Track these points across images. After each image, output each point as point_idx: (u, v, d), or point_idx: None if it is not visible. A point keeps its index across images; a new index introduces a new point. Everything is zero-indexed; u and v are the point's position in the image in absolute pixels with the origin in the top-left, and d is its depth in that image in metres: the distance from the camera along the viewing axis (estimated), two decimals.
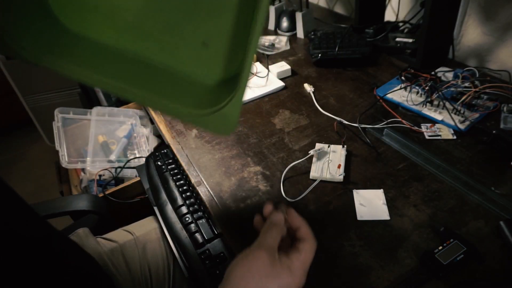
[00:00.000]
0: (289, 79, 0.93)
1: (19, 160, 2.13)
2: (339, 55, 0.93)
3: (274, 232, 0.41)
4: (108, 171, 1.19)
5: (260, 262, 0.38)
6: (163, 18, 0.50)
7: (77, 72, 0.49)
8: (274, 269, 0.38)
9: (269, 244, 0.40)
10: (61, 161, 1.18)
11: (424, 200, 0.56)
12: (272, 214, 0.44)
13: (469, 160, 0.62)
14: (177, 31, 0.50)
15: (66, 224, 0.82)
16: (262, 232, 0.42)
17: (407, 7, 1.09)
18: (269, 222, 0.43)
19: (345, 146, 0.67)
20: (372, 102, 0.79)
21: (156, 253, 0.76)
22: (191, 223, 0.60)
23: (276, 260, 0.38)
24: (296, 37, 1.17)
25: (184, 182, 0.68)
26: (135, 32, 0.52)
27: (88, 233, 0.77)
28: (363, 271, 0.48)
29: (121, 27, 0.52)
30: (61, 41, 0.52)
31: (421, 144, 0.66)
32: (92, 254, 0.67)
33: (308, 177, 0.63)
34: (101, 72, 0.49)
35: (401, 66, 0.92)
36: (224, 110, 0.46)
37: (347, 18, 1.28)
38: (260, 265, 0.38)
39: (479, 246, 0.48)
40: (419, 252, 0.49)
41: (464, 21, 0.93)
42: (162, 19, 0.50)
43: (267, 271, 0.37)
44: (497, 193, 0.56)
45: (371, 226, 0.54)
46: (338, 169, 0.62)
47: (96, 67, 0.50)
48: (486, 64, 0.91)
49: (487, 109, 0.70)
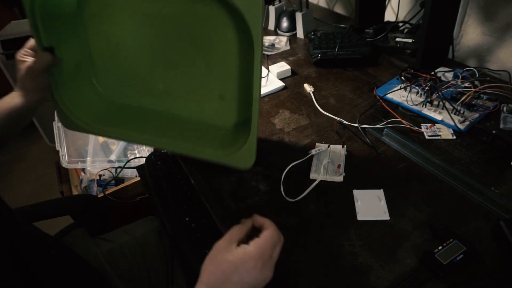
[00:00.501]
0: (289, 79, 0.93)
1: (19, 160, 2.13)
2: (339, 55, 0.93)
3: (235, 228, 0.46)
4: (108, 171, 1.19)
5: (218, 251, 0.43)
6: (186, 82, 0.63)
7: (124, 134, 0.65)
8: (230, 253, 0.42)
9: (227, 236, 0.44)
10: (61, 161, 1.18)
11: (424, 200, 0.56)
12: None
13: (469, 160, 0.63)
14: (198, 89, 0.62)
15: (66, 224, 0.82)
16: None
17: (407, 7, 1.09)
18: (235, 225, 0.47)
19: (345, 146, 0.67)
20: (372, 102, 0.79)
21: (155, 253, 0.76)
22: (191, 223, 0.60)
23: (232, 246, 0.43)
24: (296, 37, 1.17)
25: (184, 182, 0.68)
26: (165, 95, 0.66)
27: (84, 234, 0.76)
28: (363, 271, 0.48)
29: (155, 93, 0.66)
30: (108, 112, 0.69)
31: (421, 144, 0.66)
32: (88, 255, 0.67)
33: (308, 177, 0.63)
34: (143, 131, 0.64)
35: (401, 66, 0.92)
36: (243, 148, 0.55)
37: (347, 18, 1.28)
38: (217, 254, 0.43)
39: (479, 246, 0.48)
40: (419, 252, 0.49)
41: (464, 21, 0.93)
42: (186, 83, 0.63)
43: (224, 257, 0.42)
44: (497, 193, 0.56)
45: (371, 226, 0.54)
46: (338, 169, 0.62)
47: (139, 128, 0.65)
48: (486, 64, 0.91)
49: (486, 109, 0.71)
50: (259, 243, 0.43)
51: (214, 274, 0.41)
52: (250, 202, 0.60)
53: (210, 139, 0.63)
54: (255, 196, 0.61)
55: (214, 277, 0.41)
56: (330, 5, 1.41)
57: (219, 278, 0.41)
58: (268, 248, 0.43)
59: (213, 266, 0.42)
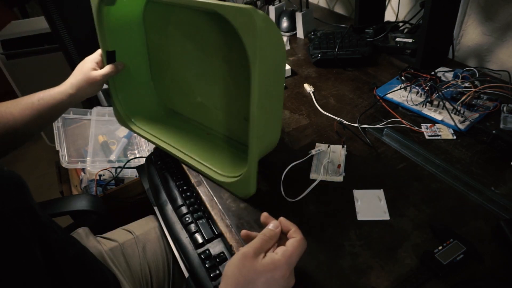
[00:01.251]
0: (289, 79, 0.93)
1: (19, 160, 2.13)
2: (339, 55, 0.93)
3: (264, 240, 0.44)
4: (108, 171, 1.19)
5: (246, 259, 0.41)
6: (219, 99, 0.68)
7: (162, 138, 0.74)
8: (258, 262, 0.41)
9: (256, 245, 0.43)
10: (61, 161, 1.18)
11: (424, 200, 0.56)
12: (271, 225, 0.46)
13: (469, 160, 0.62)
14: (228, 108, 0.68)
15: (66, 224, 0.82)
16: (256, 237, 0.44)
17: (407, 7, 1.09)
18: (265, 231, 0.45)
19: (345, 146, 0.67)
20: (372, 102, 0.79)
21: (156, 252, 0.77)
22: (191, 223, 0.60)
23: (260, 255, 0.42)
24: (296, 37, 1.17)
25: (184, 182, 0.68)
26: (202, 108, 0.73)
27: (88, 232, 0.77)
28: (363, 271, 0.48)
29: (194, 104, 0.74)
30: (159, 114, 0.81)
31: (421, 144, 0.66)
32: (93, 252, 0.67)
33: (308, 177, 0.63)
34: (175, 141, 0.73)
35: (401, 66, 0.92)
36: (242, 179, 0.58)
37: (347, 18, 1.28)
38: (246, 262, 0.41)
39: (479, 246, 0.48)
40: (419, 252, 0.49)
41: (464, 21, 0.93)
42: (219, 99, 0.68)
43: (253, 265, 0.41)
44: (497, 193, 0.56)
45: (371, 226, 0.54)
46: (338, 169, 0.62)
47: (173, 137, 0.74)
48: (486, 64, 0.91)
49: (487, 109, 0.71)
50: (288, 253, 0.42)
51: (242, 283, 0.40)
52: (250, 202, 0.60)
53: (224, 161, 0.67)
54: (255, 195, 0.61)
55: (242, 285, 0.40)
56: (330, 5, 1.41)
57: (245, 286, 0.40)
58: (296, 257, 0.42)
59: (240, 274, 0.41)
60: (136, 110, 0.79)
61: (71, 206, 0.83)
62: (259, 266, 0.41)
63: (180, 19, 0.66)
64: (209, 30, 0.61)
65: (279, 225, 0.46)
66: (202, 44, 0.65)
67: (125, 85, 0.75)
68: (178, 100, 0.79)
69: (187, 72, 0.71)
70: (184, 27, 0.66)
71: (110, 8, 0.65)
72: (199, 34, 0.64)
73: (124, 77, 0.73)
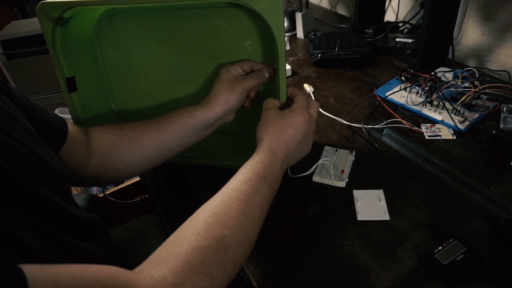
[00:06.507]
0: (289, 79, 0.93)
1: None
2: (339, 55, 0.93)
3: (269, 99, 0.55)
4: None
5: (270, 116, 0.52)
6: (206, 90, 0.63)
7: None
8: (281, 114, 0.52)
9: (270, 105, 0.54)
10: None
11: (424, 200, 0.56)
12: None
13: (469, 160, 0.63)
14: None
15: None
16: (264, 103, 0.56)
17: (407, 7, 1.09)
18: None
19: (353, 151, 0.66)
20: (372, 102, 0.79)
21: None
22: None
23: (279, 111, 0.53)
24: (296, 37, 1.17)
25: (184, 182, 0.68)
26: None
27: None
28: (363, 271, 0.48)
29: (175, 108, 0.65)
30: None
31: (421, 144, 0.66)
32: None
33: (308, 177, 0.63)
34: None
35: (401, 66, 0.92)
36: None
37: (347, 18, 1.28)
38: (271, 118, 0.52)
39: (478, 246, 0.48)
40: (419, 252, 0.49)
41: (464, 21, 0.93)
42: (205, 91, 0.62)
43: (277, 118, 0.51)
44: (497, 193, 0.56)
45: (371, 226, 0.54)
46: (341, 174, 0.62)
47: None
48: (486, 64, 0.91)
49: (486, 109, 0.71)
50: (298, 103, 0.53)
51: (274, 135, 0.50)
52: None
53: None
54: None
55: (273, 135, 0.50)
56: (332, 6, 1.41)
57: (277, 136, 0.50)
58: (305, 100, 0.53)
59: (272, 128, 0.50)
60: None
61: None
62: (281, 117, 0.51)
63: (150, 29, 0.64)
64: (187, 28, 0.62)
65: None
66: (180, 46, 0.64)
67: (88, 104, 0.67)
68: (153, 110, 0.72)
69: (165, 79, 0.68)
70: (155, 35, 0.64)
71: (64, 30, 0.57)
72: (175, 37, 0.63)
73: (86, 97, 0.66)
